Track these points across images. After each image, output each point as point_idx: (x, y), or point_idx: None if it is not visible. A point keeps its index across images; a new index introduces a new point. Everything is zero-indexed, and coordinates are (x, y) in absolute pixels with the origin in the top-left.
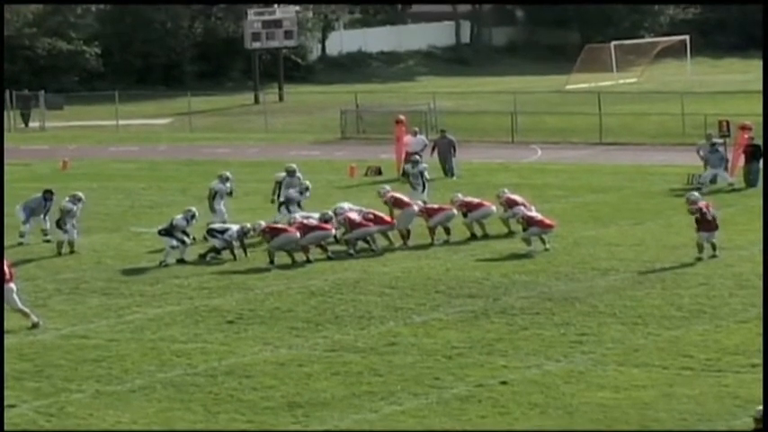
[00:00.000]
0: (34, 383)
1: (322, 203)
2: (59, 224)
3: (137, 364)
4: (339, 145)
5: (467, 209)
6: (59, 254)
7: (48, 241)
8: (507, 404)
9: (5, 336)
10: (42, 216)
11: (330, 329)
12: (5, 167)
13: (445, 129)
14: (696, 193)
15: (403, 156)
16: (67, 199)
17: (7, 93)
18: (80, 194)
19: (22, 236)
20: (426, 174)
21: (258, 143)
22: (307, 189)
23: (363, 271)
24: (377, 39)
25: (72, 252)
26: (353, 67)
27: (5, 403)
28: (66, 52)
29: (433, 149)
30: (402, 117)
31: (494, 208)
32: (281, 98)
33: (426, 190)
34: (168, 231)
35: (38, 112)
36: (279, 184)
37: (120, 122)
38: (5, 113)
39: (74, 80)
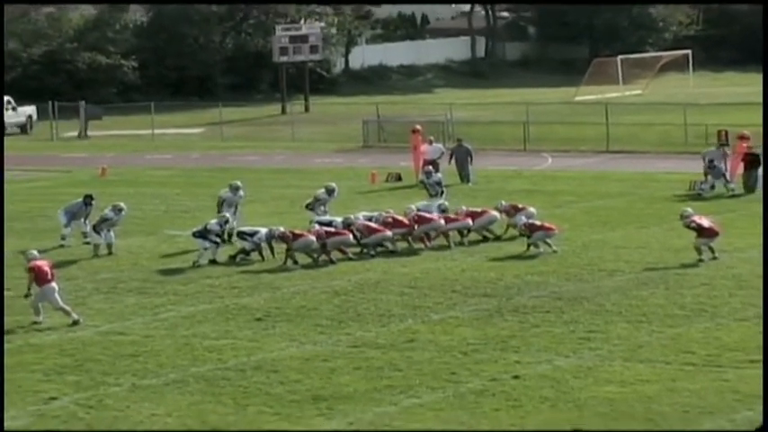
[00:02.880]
0: (74, 377)
1: (345, 208)
2: (96, 229)
3: (171, 359)
4: (361, 153)
5: (471, 218)
6: (96, 255)
7: (87, 243)
8: (519, 398)
9: (47, 333)
10: (83, 220)
11: (353, 327)
12: (48, 174)
13: (461, 138)
14: (688, 209)
15: (420, 163)
16: (110, 208)
17: (49, 104)
18: (122, 205)
19: (63, 238)
20: (443, 182)
21: (285, 151)
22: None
23: (384, 272)
24: (397, 53)
25: (110, 254)
26: (375, 79)
27: (47, 396)
28: (105, 66)
29: (451, 157)
30: (418, 127)
31: (497, 214)
32: (306, 109)
33: (445, 195)
34: (202, 234)
35: (78, 122)
36: (316, 200)
37: (156, 132)
38: (49, 123)
39: (112, 92)
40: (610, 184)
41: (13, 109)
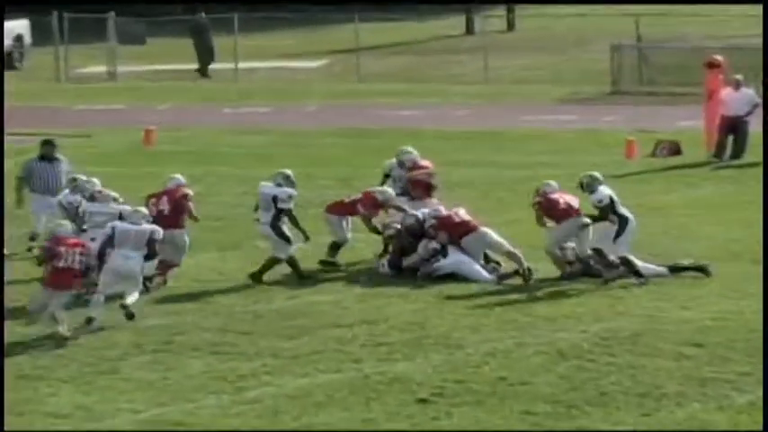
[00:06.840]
0: None
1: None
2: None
3: None
4: (608, 105)
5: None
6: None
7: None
8: None
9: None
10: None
11: (592, 414)
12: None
13: None
14: None
15: (717, 122)
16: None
17: (54, 16)
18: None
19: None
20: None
21: (469, 101)
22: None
23: (648, 317)
24: None
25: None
26: None
27: None
28: None
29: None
30: (719, 57)
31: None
32: (510, 25)
33: None
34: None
35: (104, 48)
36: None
37: (241, 66)
38: (53, 51)
39: None
40: None
41: None
